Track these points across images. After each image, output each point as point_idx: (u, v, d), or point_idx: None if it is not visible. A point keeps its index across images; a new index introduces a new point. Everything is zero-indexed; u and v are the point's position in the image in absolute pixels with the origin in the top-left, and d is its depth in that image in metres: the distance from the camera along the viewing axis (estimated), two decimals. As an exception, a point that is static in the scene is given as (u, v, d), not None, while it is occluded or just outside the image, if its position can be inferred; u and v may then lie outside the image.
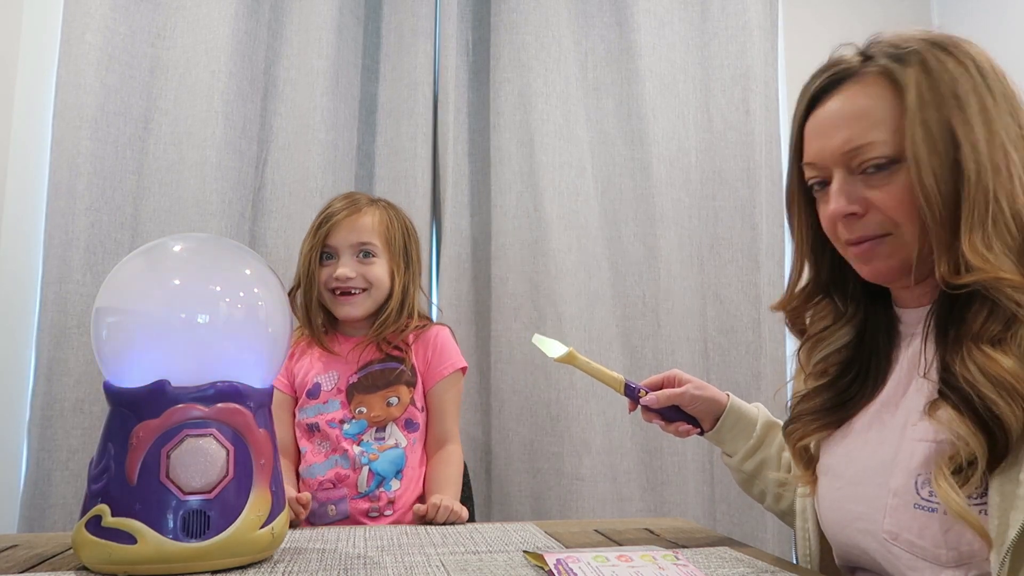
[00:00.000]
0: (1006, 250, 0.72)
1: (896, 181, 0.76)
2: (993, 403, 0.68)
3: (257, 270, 0.87)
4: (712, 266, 1.99)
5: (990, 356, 0.70)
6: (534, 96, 1.90)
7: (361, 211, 1.35)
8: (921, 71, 0.75)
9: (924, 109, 0.74)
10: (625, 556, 0.78)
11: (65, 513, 1.56)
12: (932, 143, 0.73)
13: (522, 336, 1.83)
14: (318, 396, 1.32)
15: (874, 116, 0.77)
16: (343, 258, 1.33)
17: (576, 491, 1.78)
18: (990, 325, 0.71)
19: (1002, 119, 0.74)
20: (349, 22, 1.91)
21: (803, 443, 0.89)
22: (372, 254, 1.34)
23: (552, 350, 1.04)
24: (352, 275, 1.32)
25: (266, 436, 0.82)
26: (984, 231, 0.71)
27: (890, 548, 0.76)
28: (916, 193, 0.74)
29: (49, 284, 1.62)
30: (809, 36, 2.16)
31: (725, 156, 1.99)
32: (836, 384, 0.88)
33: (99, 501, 0.75)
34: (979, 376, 0.69)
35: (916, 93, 0.74)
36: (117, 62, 1.71)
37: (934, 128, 0.74)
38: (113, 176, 1.69)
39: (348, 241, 1.33)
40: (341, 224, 1.34)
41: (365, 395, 1.30)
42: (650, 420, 1.05)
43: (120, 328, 0.81)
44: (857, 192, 0.79)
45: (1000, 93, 0.76)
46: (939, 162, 0.73)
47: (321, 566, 0.80)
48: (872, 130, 0.77)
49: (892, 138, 0.76)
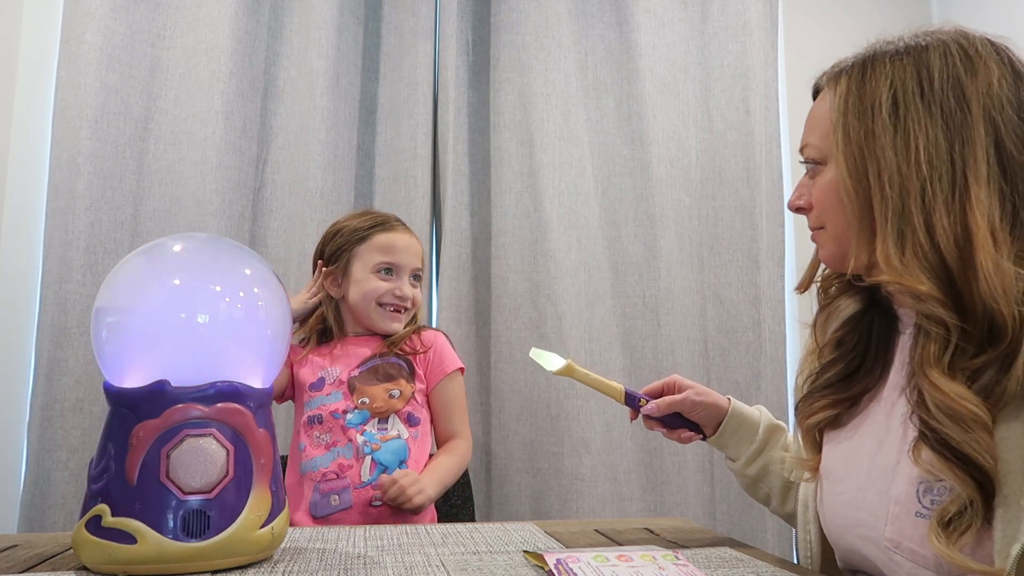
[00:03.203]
0: (921, 264, 0.71)
1: (819, 182, 0.83)
2: (962, 443, 0.67)
3: (257, 270, 0.87)
4: (712, 266, 1.99)
5: (938, 387, 0.69)
6: (534, 96, 1.90)
7: (412, 234, 1.43)
8: (853, 80, 0.79)
9: (846, 116, 0.78)
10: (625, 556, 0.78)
11: (65, 513, 1.56)
12: (847, 149, 0.77)
13: (522, 336, 1.83)
14: (322, 388, 1.34)
15: (815, 120, 0.84)
16: (404, 278, 1.39)
17: (576, 491, 1.78)
18: (930, 346, 0.72)
19: (930, 132, 0.73)
20: (349, 22, 1.91)
21: (814, 420, 0.89)
22: (420, 279, 1.43)
23: (551, 363, 1.03)
24: (411, 296, 1.39)
25: (266, 436, 0.82)
26: (896, 240, 0.73)
27: (892, 556, 0.75)
28: (840, 193, 0.78)
29: (49, 284, 1.62)
30: (809, 36, 2.16)
31: (725, 156, 1.99)
32: (846, 357, 0.88)
33: (99, 501, 0.75)
34: (939, 415, 0.69)
35: (840, 101, 0.79)
36: (117, 62, 1.71)
37: (852, 135, 0.77)
38: (113, 176, 1.69)
39: (411, 264, 1.40)
40: (404, 243, 1.40)
41: (367, 386, 1.33)
42: (652, 428, 1.04)
43: (120, 328, 0.81)
44: (805, 187, 0.86)
45: (948, 108, 0.73)
46: (854, 168, 0.77)
47: (321, 566, 0.80)
48: (811, 133, 0.84)
49: (821, 142, 0.82)
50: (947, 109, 0.74)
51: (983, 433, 0.67)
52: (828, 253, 0.86)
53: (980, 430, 0.67)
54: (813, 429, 0.90)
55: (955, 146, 0.73)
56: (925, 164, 0.73)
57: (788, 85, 2.10)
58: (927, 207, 0.72)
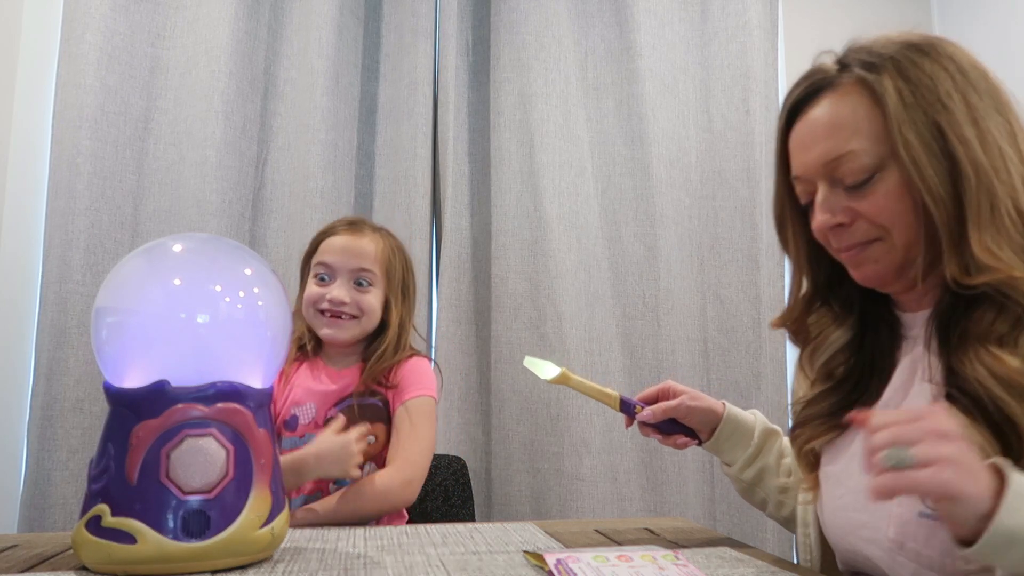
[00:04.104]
0: (1015, 249, 0.71)
1: (879, 189, 0.76)
2: (1005, 404, 0.67)
3: (257, 270, 0.87)
4: (712, 266, 1.99)
5: (997, 357, 0.69)
6: (534, 96, 1.90)
7: (363, 234, 1.29)
8: (899, 77, 0.75)
9: (910, 112, 0.73)
10: (625, 556, 0.78)
11: (65, 513, 1.56)
12: (926, 144, 0.73)
13: (522, 336, 1.84)
14: (295, 429, 1.23)
15: (852, 126, 0.77)
16: (339, 280, 1.26)
17: (576, 491, 1.78)
18: (997, 326, 0.71)
19: (991, 117, 0.73)
20: (349, 22, 1.91)
21: (809, 447, 0.88)
22: (369, 283, 1.27)
23: (545, 372, 1.02)
24: (347, 300, 1.24)
25: (266, 436, 0.82)
26: (993, 231, 0.71)
27: (895, 557, 0.75)
28: (917, 195, 0.73)
29: (49, 284, 1.62)
30: (809, 36, 2.16)
31: (725, 156, 2.00)
32: (842, 387, 0.87)
33: (99, 501, 0.75)
34: (988, 378, 0.69)
35: (897, 99, 0.74)
36: (117, 62, 1.71)
37: (924, 130, 0.73)
38: (113, 176, 1.69)
39: (347, 265, 1.26)
40: (341, 243, 1.27)
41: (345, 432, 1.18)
42: (648, 435, 1.04)
43: (120, 328, 0.81)
44: (841, 203, 0.78)
45: (984, 91, 0.75)
46: (936, 162, 0.72)
47: (321, 566, 0.80)
48: (851, 140, 0.76)
49: (872, 147, 0.75)
50: (991, 90, 0.75)
51: None
52: (875, 270, 0.80)
53: None
54: (810, 454, 0.89)
55: (1012, 124, 0.74)
56: (1005, 146, 0.73)
57: (788, 85, 2.09)
58: (1013, 189, 0.72)
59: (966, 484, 0.58)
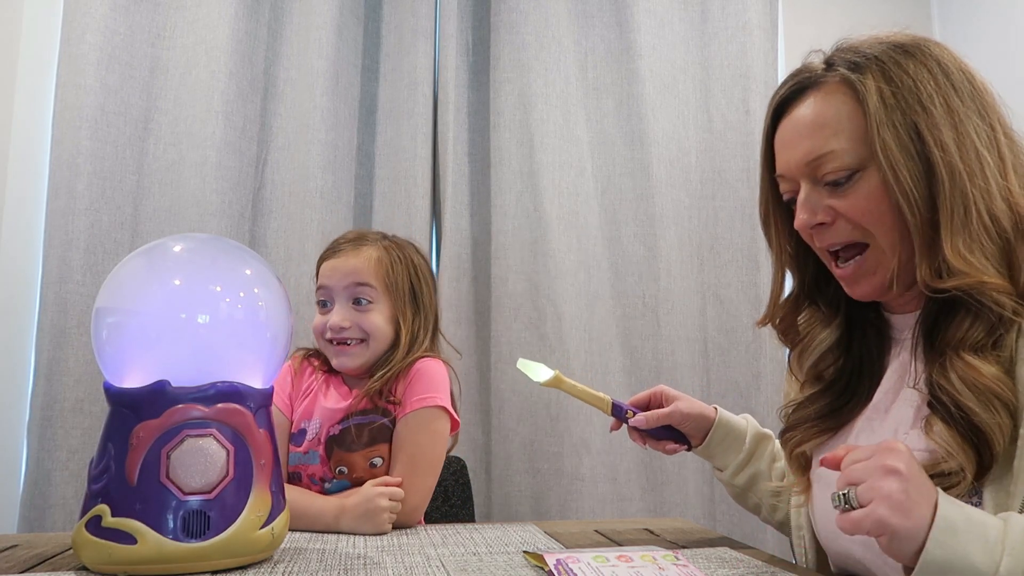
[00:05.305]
0: (986, 254, 0.71)
1: (860, 189, 0.76)
2: (973, 413, 0.67)
3: (257, 270, 0.87)
4: (712, 266, 1.99)
5: (971, 364, 0.69)
6: (534, 96, 1.90)
7: (359, 250, 1.20)
8: (881, 77, 0.75)
9: (889, 113, 0.73)
10: (625, 556, 0.78)
11: (65, 513, 1.56)
12: (903, 145, 0.73)
13: (522, 336, 1.84)
14: (301, 444, 1.18)
15: (835, 125, 0.77)
16: (338, 303, 1.19)
17: (576, 491, 1.78)
18: (972, 332, 0.71)
19: (971, 120, 0.73)
20: (349, 22, 1.91)
21: (801, 449, 0.88)
22: (369, 300, 1.18)
23: (538, 375, 1.01)
24: (346, 324, 1.17)
25: (266, 436, 0.82)
26: (965, 235, 0.71)
27: (886, 559, 0.75)
28: (893, 197, 0.73)
29: (49, 284, 1.62)
30: (809, 36, 2.15)
31: (725, 156, 2.00)
32: (832, 389, 0.87)
33: (99, 501, 0.75)
34: (960, 387, 0.69)
35: (878, 99, 0.74)
36: (117, 62, 1.71)
37: (902, 131, 0.73)
38: (113, 176, 1.69)
39: (342, 284, 1.18)
40: (333, 263, 1.20)
41: (346, 453, 1.14)
42: (636, 440, 1.03)
43: (120, 328, 0.81)
44: (822, 202, 0.79)
45: (968, 94, 0.74)
46: (912, 164, 0.72)
47: (321, 566, 0.80)
48: (833, 139, 0.77)
49: (854, 147, 0.75)
50: (975, 92, 0.75)
51: (1007, 417, 0.67)
52: (871, 284, 0.79)
53: (1004, 408, 0.67)
54: (801, 456, 0.89)
55: (994, 128, 0.74)
56: (983, 150, 0.72)
57: (788, 85, 2.10)
58: (988, 194, 0.71)
59: (898, 520, 0.60)
